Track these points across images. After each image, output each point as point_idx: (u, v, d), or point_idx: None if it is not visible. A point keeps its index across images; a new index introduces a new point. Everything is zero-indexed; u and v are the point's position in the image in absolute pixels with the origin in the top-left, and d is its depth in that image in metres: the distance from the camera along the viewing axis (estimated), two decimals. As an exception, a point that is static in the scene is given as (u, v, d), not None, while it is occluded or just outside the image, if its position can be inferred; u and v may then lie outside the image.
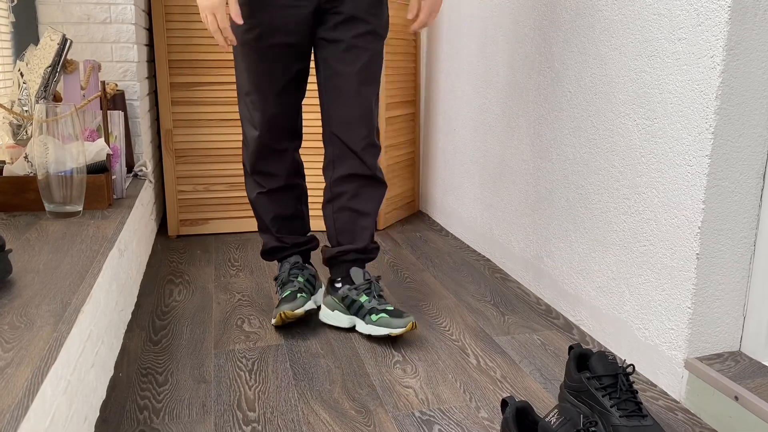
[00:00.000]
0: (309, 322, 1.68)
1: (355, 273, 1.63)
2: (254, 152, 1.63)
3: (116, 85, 1.92)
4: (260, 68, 1.54)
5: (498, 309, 1.77)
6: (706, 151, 1.19)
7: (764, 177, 1.22)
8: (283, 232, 1.73)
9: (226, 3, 1.38)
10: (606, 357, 1.19)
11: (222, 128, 2.45)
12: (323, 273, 2.04)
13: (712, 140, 1.18)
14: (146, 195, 2.07)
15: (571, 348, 1.26)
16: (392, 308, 1.57)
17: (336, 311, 1.63)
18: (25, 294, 1.03)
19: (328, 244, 1.70)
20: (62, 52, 1.65)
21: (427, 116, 2.76)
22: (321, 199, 2.52)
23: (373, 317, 1.56)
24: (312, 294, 1.70)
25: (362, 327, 1.58)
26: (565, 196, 1.69)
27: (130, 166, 2.04)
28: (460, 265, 2.13)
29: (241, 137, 2.46)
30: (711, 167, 1.19)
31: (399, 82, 2.64)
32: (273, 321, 1.62)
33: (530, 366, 1.45)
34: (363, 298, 1.59)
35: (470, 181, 2.32)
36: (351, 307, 1.61)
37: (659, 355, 1.34)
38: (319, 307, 1.73)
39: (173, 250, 2.29)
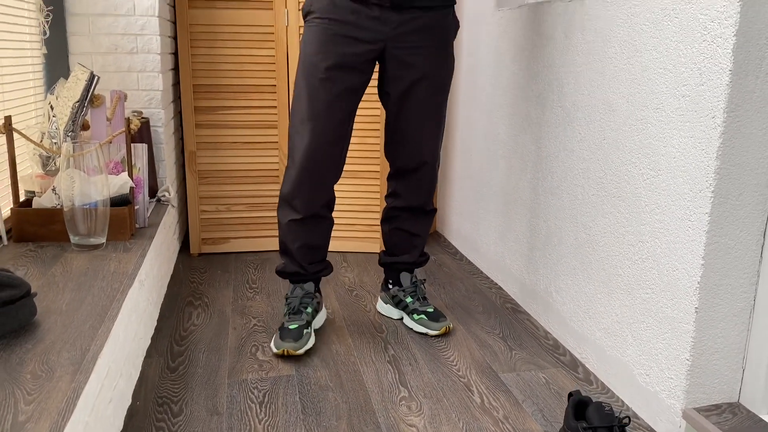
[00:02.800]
0: (319, 350, 1.73)
1: (404, 277, 1.93)
2: (297, 179, 1.70)
3: (140, 120, 1.99)
4: (323, 97, 1.64)
5: (506, 343, 1.80)
6: (706, 209, 1.21)
7: (764, 235, 1.23)
8: (306, 260, 1.82)
9: None
10: (603, 408, 1.22)
11: (244, 150, 2.52)
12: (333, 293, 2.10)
13: (712, 199, 1.20)
14: (169, 219, 2.14)
15: (570, 395, 1.29)
16: (432, 310, 1.86)
17: (388, 305, 1.96)
18: (48, 338, 1.09)
19: (384, 249, 1.96)
20: (90, 87, 1.72)
21: (445, 139, 2.79)
22: (342, 221, 2.57)
23: (415, 317, 1.86)
24: (313, 320, 1.82)
25: (408, 321, 1.89)
26: (573, 234, 1.71)
27: (153, 191, 2.11)
28: (473, 293, 2.17)
29: (263, 159, 2.53)
30: (710, 225, 1.21)
31: (418, 106, 2.67)
32: (275, 350, 1.69)
33: (533, 406, 1.48)
34: (408, 299, 1.89)
35: (485, 209, 2.35)
36: (399, 305, 1.92)
37: (659, 403, 1.36)
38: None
39: (194, 269, 2.36)
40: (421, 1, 1.62)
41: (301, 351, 1.68)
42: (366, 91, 2.46)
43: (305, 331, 1.72)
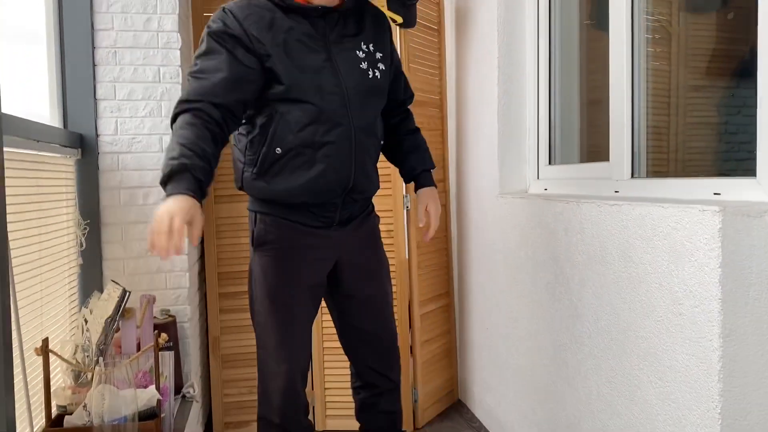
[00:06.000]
0: None
1: None
2: (283, 401, 1.71)
3: (167, 318, 2.09)
4: (296, 321, 1.71)
5: None
6: (716, 430, 1.23)
7: (778, 453, 1.25)
8: None
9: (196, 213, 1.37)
10: None
11: (266, 332, 2.59)
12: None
13: (720, 420, 1.23)
14: (194, 415, 2.18)
15: None
16: None
17: None
18: None
19: None
20: (122, 304, 1.84)
21: (462, 308, 2.86)
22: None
23: None
24: None
25: None
26: (593, 428, 1.72)
27: (178, 387, 2.17)
28: (498, 479, 2.14)
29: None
30: (722, 446, 1.23)
31: (431, 278, 2.76)
32: None
33: None
34: None
35: (505, 385, 2.37)
36: None
37: None
38: None
39: (218, 459, 2.36)
40: (358, 212, 1.78)
41: None
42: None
43: None
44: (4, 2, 1.89)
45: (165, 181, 1.40)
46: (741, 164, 1.53)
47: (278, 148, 1.60)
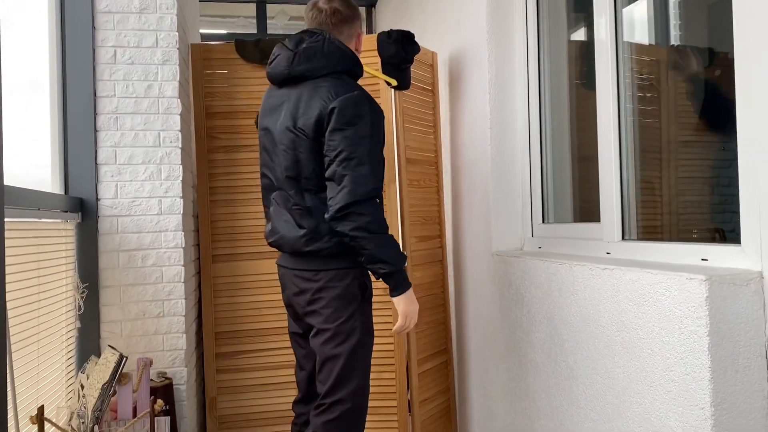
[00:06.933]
0: None
1: None
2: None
3: (164, 381, 2.09)
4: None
5: None
6: (712, 500, 1.23)
7: None
8: None
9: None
10: None
11: (265, 392, 2.59)
12: None
13: (715, 490, 1.22)
14: (189, 480, 2.16)
15: None
16: None
17: None
18: None
19: None
20: (118, 369, 1.84)
21: (460, 365, 2.85)
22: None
23: None
24: None
25: None
26: (591, 493, 1.70)
27: (175, 451, 2.15)
28: None
29: (281, 399, 2.58)
30: None
31: (429, 335, 2.76)
32: None
33: None
34: None
35: (504, 445, 2.34)
36: None
37: None
38: None
39: None
40: None
41: None
42: (382, 329, 2.59)
43: None
44: (8, 66, 1.95)
45: (397, 270, 1.83)
46: (735, 216, 1.55)
47: (377, 198, 1.88)
